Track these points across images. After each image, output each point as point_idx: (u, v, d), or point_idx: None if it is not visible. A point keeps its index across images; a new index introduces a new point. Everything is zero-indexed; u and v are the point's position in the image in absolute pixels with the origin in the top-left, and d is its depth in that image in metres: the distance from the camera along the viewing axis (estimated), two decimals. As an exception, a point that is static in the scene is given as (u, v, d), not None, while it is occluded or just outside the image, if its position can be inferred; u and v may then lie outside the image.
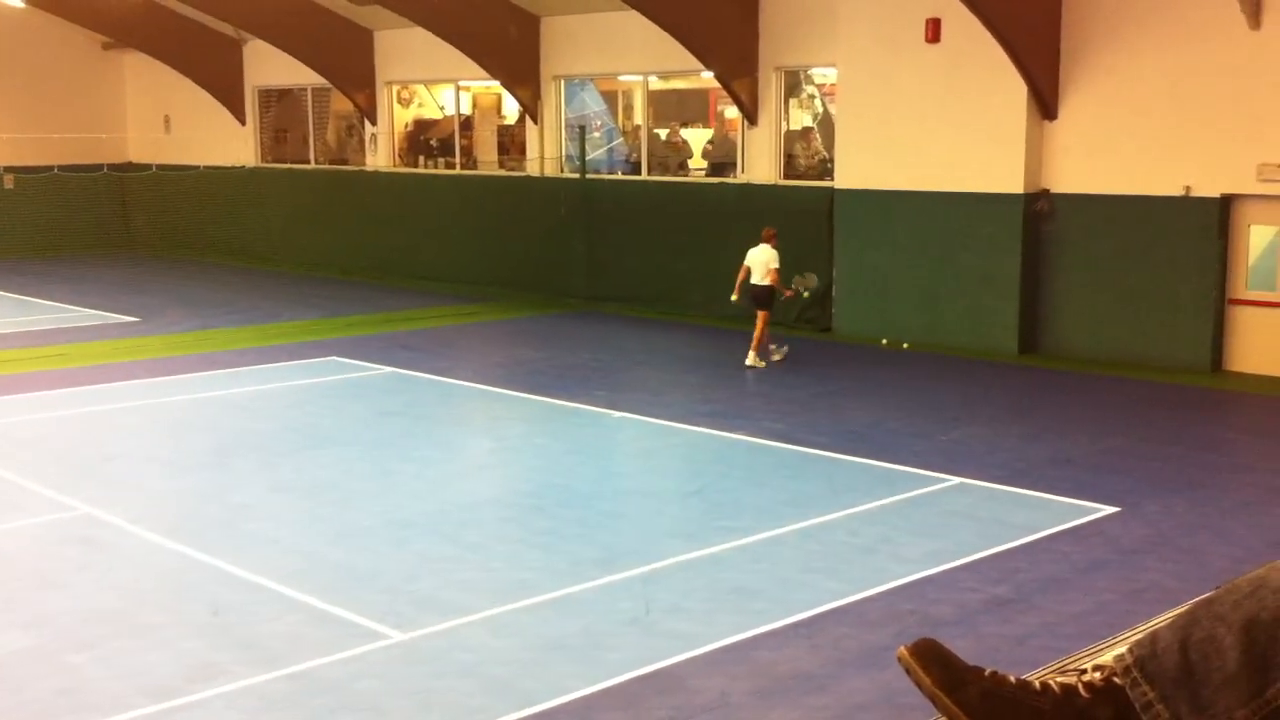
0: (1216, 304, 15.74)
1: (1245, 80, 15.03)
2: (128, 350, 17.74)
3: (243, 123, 28.95)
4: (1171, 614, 1.63)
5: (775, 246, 16.16)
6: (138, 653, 7.60)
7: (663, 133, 22.44)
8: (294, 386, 15.49)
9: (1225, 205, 15.61)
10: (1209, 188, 15.55)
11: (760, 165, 20.15)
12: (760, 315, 16.12)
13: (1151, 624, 1.71)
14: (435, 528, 9.97)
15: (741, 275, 16.31)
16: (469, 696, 7.03)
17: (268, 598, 8.48)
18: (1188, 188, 15.69)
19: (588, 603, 8.36)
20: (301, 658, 7.49)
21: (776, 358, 16.49)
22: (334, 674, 7.30)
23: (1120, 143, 16.15)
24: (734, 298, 16.48)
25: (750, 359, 16.20)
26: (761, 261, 16.10)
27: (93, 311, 21.26)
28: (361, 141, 26.81)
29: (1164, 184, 15.84)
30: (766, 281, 16.10)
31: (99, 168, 30.31)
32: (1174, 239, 15.89)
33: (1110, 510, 10.27)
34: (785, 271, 16.37)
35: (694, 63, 19.75)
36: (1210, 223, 15.64)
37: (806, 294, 17.27)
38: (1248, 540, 9.59)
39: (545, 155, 22.91)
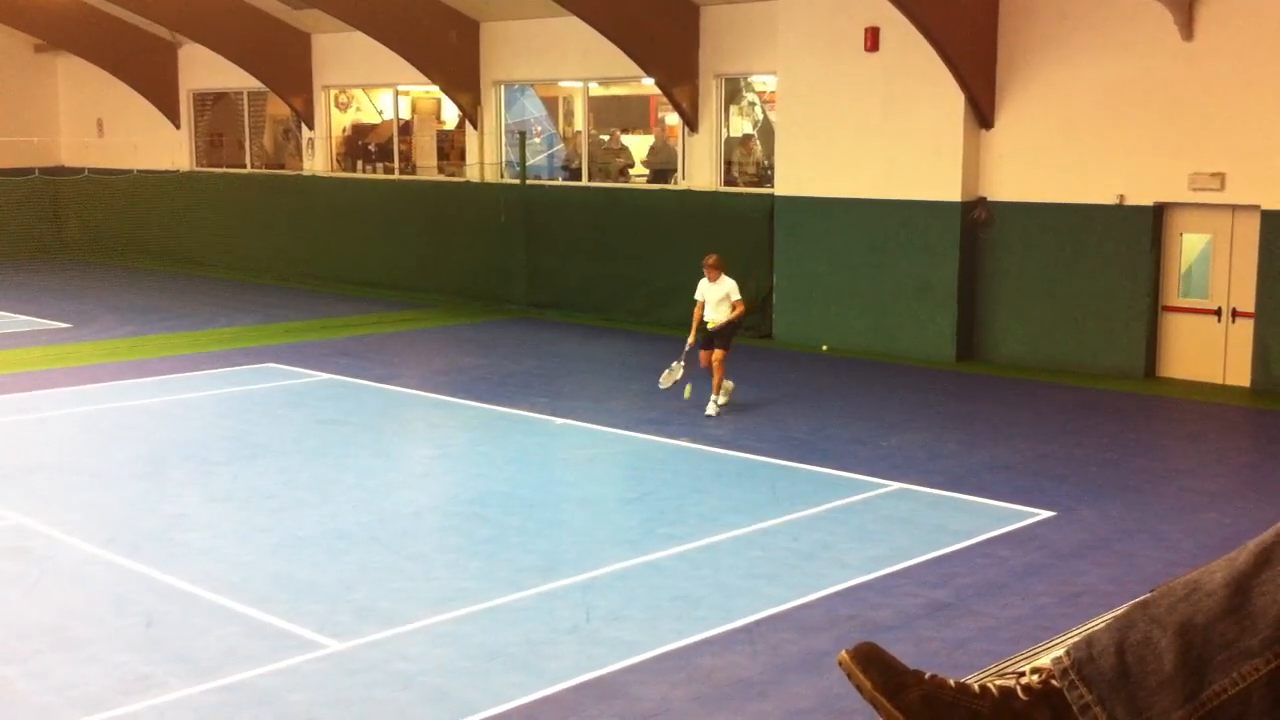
0: (1150, 311, 15.97)
1: (1178, 91, 15.27)
2: (59, 357, 17.44)
3: (177, 126, 28.59)
4: (1108, 617, 1.64)
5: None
6: (70, 665, 7.47)
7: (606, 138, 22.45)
8: (231, 394, 15.30)
9: (1158, 214, 15.84)
10: (1142, 196, 15.78)
11: (701, 172, 20.20)
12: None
13: (1088, 627, 1.72)
14: (375, 537, 9.88)
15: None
16: (408, 707, 6.96)
17: (203, 609, 8.37)
18: (1121, 196, 15.92)
19: (528, 611, 8.32)
20: (237, 669, 7.39)
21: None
22: (270, 685, 7.21)
23: (1056, 152, 16.35)
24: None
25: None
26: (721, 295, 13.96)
27: (23, 318, 20.88)
28: (298, 146, 26.58)
29: (1098, 193, 16.06)
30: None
31: (30, 171, 29.80)
32: (1108, 247, 16.11)
33: (1046, 515, 10.38)
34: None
35: (635, 69, 19.78)
36: (1144, 231, 15.87)
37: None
38: (1181, 544, 9.73)
39: (485, 161, 22.83)
